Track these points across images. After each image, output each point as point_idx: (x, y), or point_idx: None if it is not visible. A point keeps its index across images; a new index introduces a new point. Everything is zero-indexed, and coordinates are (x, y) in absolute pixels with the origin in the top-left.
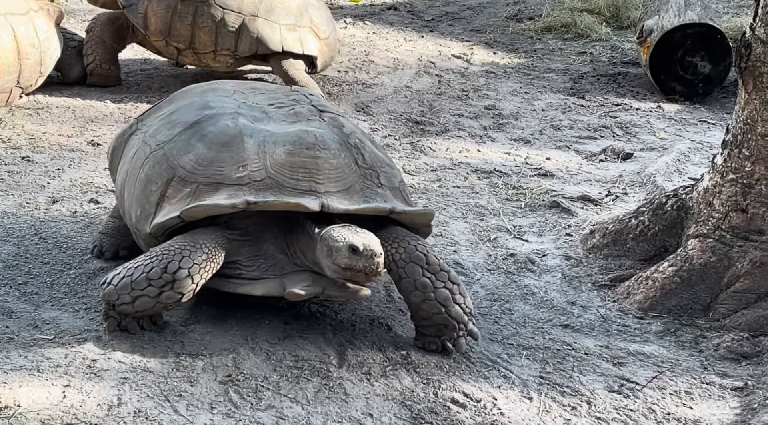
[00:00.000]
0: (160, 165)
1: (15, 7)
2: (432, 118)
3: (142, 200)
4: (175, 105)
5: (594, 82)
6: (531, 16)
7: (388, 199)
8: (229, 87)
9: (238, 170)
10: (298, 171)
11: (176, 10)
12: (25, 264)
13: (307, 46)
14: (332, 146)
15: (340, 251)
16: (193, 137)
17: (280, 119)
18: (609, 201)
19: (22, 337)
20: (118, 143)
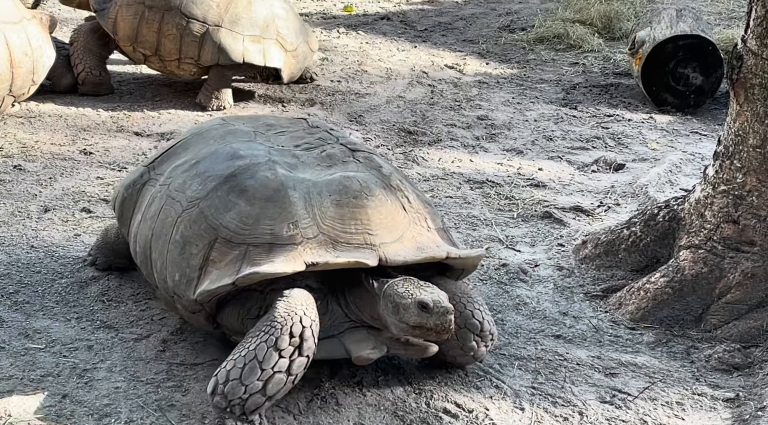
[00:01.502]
0: (198, 225)
1: (8, 16)
2: (425, 128)
3: (182, 265)
4: (194, 153)
5: (586, 92)
6: (523, 26)
7: (440, 244)
8: (247, 127)
9: (289, 227)
10: (349, 223)
11: (143, 16)
12: (16, 273)
13: (270, 59)
14: (377, 191)
15: (408, 309)
16: (231, 193)
17: (314, 163)
18: (601, 212)
19: (14, 346)
20: (128, 194)
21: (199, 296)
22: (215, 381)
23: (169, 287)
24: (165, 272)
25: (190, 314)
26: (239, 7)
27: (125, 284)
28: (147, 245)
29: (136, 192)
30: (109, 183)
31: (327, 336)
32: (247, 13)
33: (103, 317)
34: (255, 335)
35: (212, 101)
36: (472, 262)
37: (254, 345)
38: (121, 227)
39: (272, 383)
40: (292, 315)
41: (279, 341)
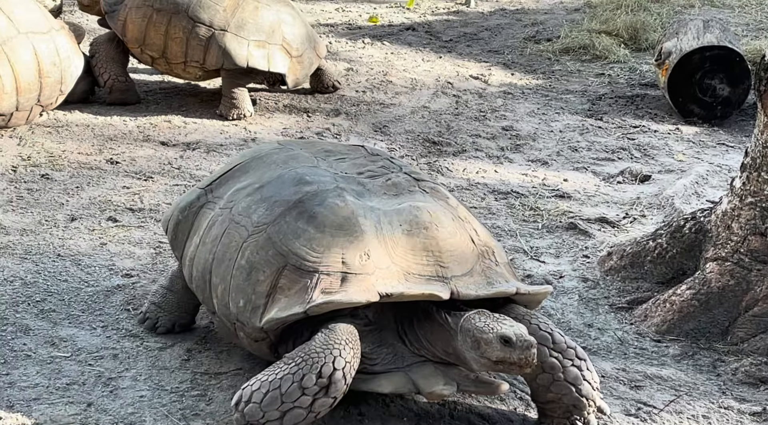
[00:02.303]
0: (266, 251)
1: (37, 26)
2: (449, 138)
3: (247, 291)
4: (256, 177)
5: (612, 103)
6: (549, 37)
7: (509, 279)
8: (307, 153)
9: (362, 257)
10: (421, 255)
11: (151, 19)
12: (43, 282)
13: (275, 64)
14: (447, 223)
15: (490, 344)
16: (300, 219)
17: (380, 191)
18: (627, 223)
19: (40, 354)
20: (183, 216)
21: (266, 324)
22: (239, 397)
23: (231, 314)
24: (227, 298)
25: (252, 342)
26: (246, 12)
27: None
28: (207, 270)
29: (192, 215)
30: (135, 192)
31: (390, 370)
32: (254, 18)
33: (128, 326)
34: (287, 363)
35: (232, 111)
36: (538, 298)
37: (282, 374)
38: (174, 250)
39: (290, 415)
40: (326, 354)
41: (305, 379)
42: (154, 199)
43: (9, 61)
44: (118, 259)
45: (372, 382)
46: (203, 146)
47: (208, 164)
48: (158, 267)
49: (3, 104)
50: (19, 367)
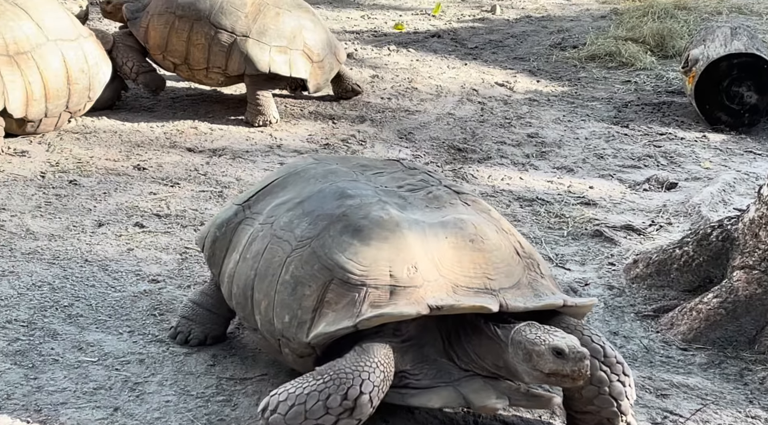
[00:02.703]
0: (311, 265)
1: (65, 34)
2: (474, 145)
3: (292, 306)
4: (296, 192)
5: (638, 111)
6: (575, 44)
7: (555, 291)
8: (344, 167)
9: (409, 269)
10: (468, 267)
11: (174, 26)
12: (70, 287)
13: (297, 69)
14: (492, 235)
15: (543, 356)
16: (345, 233)
17: (422, 205)
18: (653, 231)
19: (67, 359)
20: (221, 233)
21: (314, 339)
22: (266, 404)
23: (276, 330)
24: (272, 314)
25: (297, 358)
26: (267, 18)
27: (176, 298)
28: (248, 286)
29: (230, 231)
30: (162, 198)
31: (437, 384)
32: (275, 24)
33: (155, 331)
34: (315, 378)
35: (257, 117)
36: (583, 311)
37: (309, 389)
38: (211, 267)
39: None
40: (355, 376)
41: (330, 399)
42: (181, 205)
43: (38, 68)
44: (145, 264)
45: (421, 397)
46: (229, 152)
47: (234, 170)
48: (184, 273)
49: (32, 111)
50: (47, 371)
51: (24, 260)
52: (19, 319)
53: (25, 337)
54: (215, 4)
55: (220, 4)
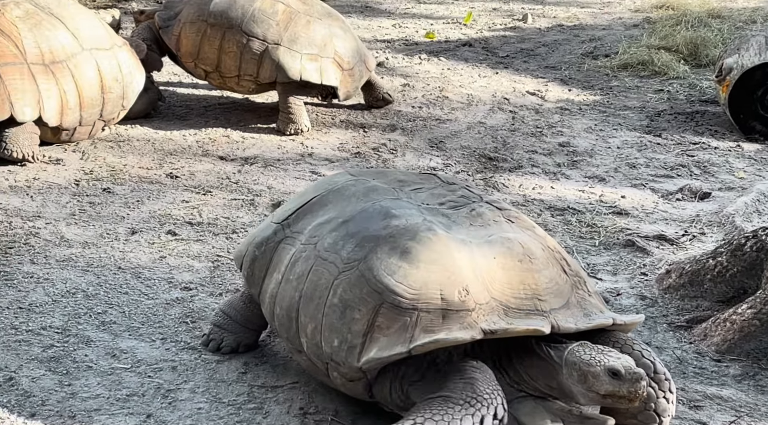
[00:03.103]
0: (360, 288)
1: (100, 43)
2: (505, 154)
3: (342, 330)
4: (337, 210)
5: (671, 120)
6: (607, 53)
7: (603, 310)
8: (382, 184)
9: (461, 292)
10: (518, 288)
11: (205, 34)
12: (104, 294)
13: (327, 77)
14: (539, 254)
15: (598, 377)
16: (393, 255)
17: (466, 223)
18: (686, 241)
19: (101, 366)
20: (260, 253)
21: (366, 364)
22: None
23: (324, 354)
24: (319, 338)
25: (346, 382)
26: (298, 26)
27: (208, 306)
28: (293, 308)
29: (270, 251)
30: (194, 206)
31: None
32: (306, 32)
33: (187, 339)
34: (451, 406)
35: (289, 126)
36: (632, 327)
37: (459, 415)
38: (250, 286)
39: None
40: (494, 396)
41: (485, 420)
42: (212, 213)
43: (73, 77)
44: (177, 272)
45: None
46: (261, 160)
47: (265, 178)
48: (216, 281)
49: (67, 119)
50: (80, 378)
51: (58, 267)
52: (54, 326)
53: (59, 344)
54: (247, 13)
55: (251, 13)
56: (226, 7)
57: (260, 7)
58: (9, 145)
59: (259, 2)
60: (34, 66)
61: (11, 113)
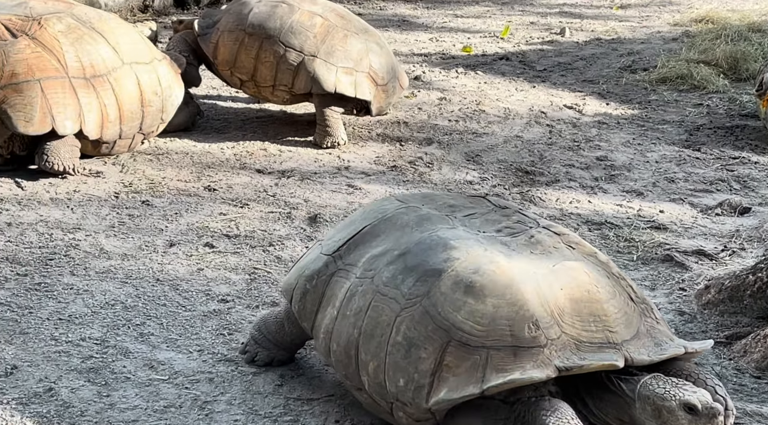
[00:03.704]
0: (424, 326)
1: (140, 57)
2: (542, 168)
3: (408, 369)
4: (392, 242)
5: (710, 134)
6: (645, 67)
7: (673, 337)
8: (434, 210)
9: (530, 327)
10: (588, 320)
11: (243, 43)
12: (142, 306)
13: (361, 91)
14: (605, 282)
15: (673, 413)
16: (456, 289)
17: (526, 251)
18: (725, 256)
19: (139, 377)
20: (312, 286)
21: (435, 405)
22: None
23: (388, 393)
24: (382, 377)
25: (413, 422)
26: (335, 39)
27: (245, 318)
28: (352, 345)
29: (322, 284)
30: (232, 219)
31: None
32: (343, 45)
33: (224, 351)
34: None
35: (326, 139)
36: (700, 354)
37: None
38: (301, 320)
39: None
40: None
41: None
42: (250, 226)
43: (113, 90)
44: (214, 284)
45: None
46: (298, 173)
47: (302, 191)
48: (253, 293)
49: (107, 132)
50: (119, 389)
51: (98, 278)
52: (93, 337)
53: (98, 355)
54: (285, 24)
55: (290, 24)
56: (265, 18)
57: (299, 19)
58: (50, 158)
59: (297, 14)
60: (75, 80)
61: (52, 126)
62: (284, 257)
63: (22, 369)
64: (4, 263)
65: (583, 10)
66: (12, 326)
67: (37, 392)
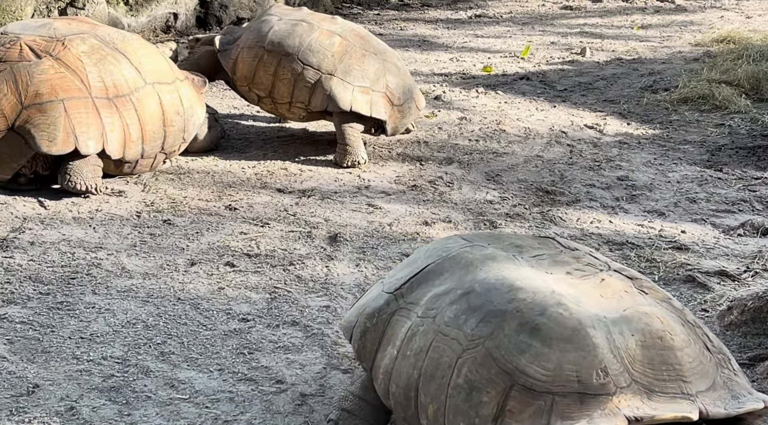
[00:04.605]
0: (487, 369)
1: (162, 77)
2: (563, 188)
3: (469, 413)
4: (455, 281)
5: (732, 154)
6: (667, 87)
7: (751, 390)
8: (500, 251)
9: (599, 374)
10: (660, 369)
11: (262, 59)
12: (163, 325)
13: (377, 110)
14: (679, 329)
15: None
16: (522, 332)
17: (596, 295)
18: (748, 277)
19: (160, 396)
20: (372, 324)
21: None
22: None
23: None
24: (442, 421)
25: None
26: (353, 58)
27: (265, 337)
28: (411, 386)
29: (383, 323)
30: (252, 238)
31: None
32: (360, 65)
33: (244, 370)
34: None
35: (346, 158)
36: None
37: None
38: (360, 360)
39: None
40: None
41: None
42: (270, 245)
43: (136, 110)
44: (235, 303)
45: None
46: (318, 193)
47: (322, 210)
48: (273, 312)
49: (129, 152)
50: (140, 408)
51: (119, 297)
52: (114, 356)
53: (119, 374)
54: (304, 42)
55: (309, 43)
56: (285, 36)
57: (317, 38)
58: (73, 177)
59: (317, 33)
60: (98, 100)
61: (75, 146)
62: (304, 277)
63: (43, 387)
64: (27, 282)
65: (604, 30)
66: (34, 344)
67: (58, 411)
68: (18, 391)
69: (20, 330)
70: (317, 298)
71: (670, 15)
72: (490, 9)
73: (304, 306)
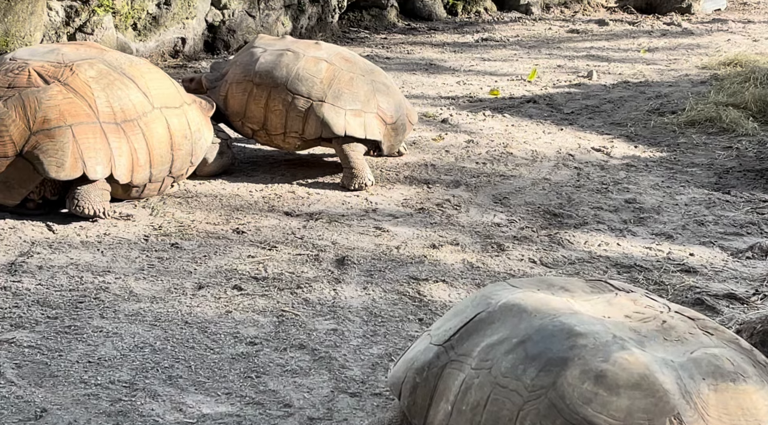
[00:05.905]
0: (552, 420)
1: (170, 101)
2: (570, 210)
3: None
4: (509, 329)
5: (740, 177)
6: (674, 110)
7: None
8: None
9: (672, 423)
10: (737, 415)
11: (252, 93)
12: (171, 348)
13: (371, 131)
14: (752, 372)
15: None
16: (585, 380)
17: (659, 338)
18: (757, 300)
19: (167, 420)
20: (422, 379)
21: None
22: None
23: None
24: None
25: None
26: (342, 82)
27: (273, 361)
28: None
29: (434, 377)
30: (260, 262)
31: None
32: (349, 88)
33: (251, 393)
34: None
35: (353, 181)
36: None
37: None
38: (411, 417)
39: None
40: None
41: None
42: (278, 268)
43: (144, 135)
44: (243, 327)
45: None
46: (325, 216)
47: (330, 233)
48: (281, 336)
49: (137, 176)
50: None
51: (127, 321)
52: (122, 380)
53: (126, 398)
54: (291, 72)
55: (296, 71)
56: (271, 67)
57: (304, 65)
58: (81, 202)
59: (303, 61)
60: (106, 125)
61: (84, 171)
62: (312, 300)
63: (51, 412)
64: (35, 306)
65: (611, 53)
66: (42, 369)
67: None
68: (26, 415)
69: (28, 354)
70: (325, 321)
71: (676, 38)
72: (497, 33)
73: (312, 330)
